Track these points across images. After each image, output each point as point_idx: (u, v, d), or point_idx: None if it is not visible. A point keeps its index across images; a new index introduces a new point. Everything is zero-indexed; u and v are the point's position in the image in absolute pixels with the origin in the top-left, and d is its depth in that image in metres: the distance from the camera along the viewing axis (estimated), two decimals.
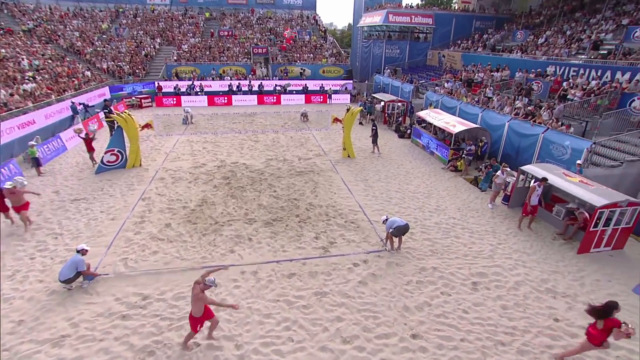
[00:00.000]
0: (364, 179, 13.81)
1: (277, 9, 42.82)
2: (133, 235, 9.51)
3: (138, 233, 9.62)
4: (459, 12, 32.47)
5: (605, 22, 22.58)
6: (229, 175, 13.80)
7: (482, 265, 8.68)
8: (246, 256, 8.84)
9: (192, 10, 40.46)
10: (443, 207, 11.70)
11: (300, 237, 9.75)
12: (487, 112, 16.32)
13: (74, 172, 13.78)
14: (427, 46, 32.60)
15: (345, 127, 15.68)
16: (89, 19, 36.67)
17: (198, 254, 8.84)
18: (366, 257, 8.95)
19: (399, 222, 8.80)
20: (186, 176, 13.59)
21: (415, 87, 23.68)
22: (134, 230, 9.72)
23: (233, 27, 38.50)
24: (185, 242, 9.33)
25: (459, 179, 14.21)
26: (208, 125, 21.41)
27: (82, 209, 10.83)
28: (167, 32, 35.56)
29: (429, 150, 16.94)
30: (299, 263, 8.65)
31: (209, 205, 11.36)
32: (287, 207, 11.43)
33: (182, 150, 16.57)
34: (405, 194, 12.64)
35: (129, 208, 10.97)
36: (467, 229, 10.39)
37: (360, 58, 37.43)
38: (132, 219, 10.35)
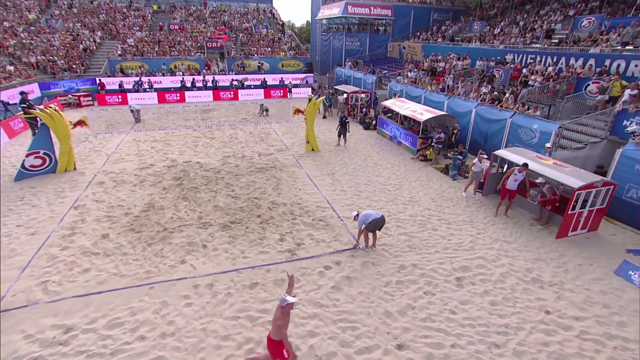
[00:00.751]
0: (330, 173, 12.85)
1: (232, 1, 40.91)
2: (59, 251, 7.88)
3: (66, 248, 7.99)
4: (417, 4, 32.48)
5: (554, 13, 23.29)
6: (181, 175, 12.29)
7: (464, 259, 7.99)
8: (200, 266, 7.54)
9: (137, 3, 37.56)
10: (416, 199, 11.00)
11: (263, 240, 8.59)
12: (453, 99, 15.96)
13: None
14: (387, 38, 32.34)
15: (307, 119, 14.63)
16: (11, 8, 32.74)
17: (141, 268, 7.42)
18: (339, 257, 7.96)
19: (374, 215, 7.90)
20: (130, 179, 11.91)
21: (378, 78, 23.12)
22: (61, 245, 8.08)
23: (184, 20, 36.16)
24: (125, 254, 7.85)
25: (429, 168, 13.64)
26: (158, 123, 19.50)
27: None
28: (109, 25, 32.60)
29: (397, 141, 16.32)
30: (262, 270, 7.50)
31: (157, 210, 9.87)
32: (247, 207, 10.20)
33: (127, 151, 14.73)
34: (376, 186, 11.82)
35: (56, 219, 9.22)
36: (444, 220, 9.73)
37: (320, 52, 36.53)
38: (60, 231, 8.66)
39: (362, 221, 7.95)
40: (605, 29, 18.14)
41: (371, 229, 7.95)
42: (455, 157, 12.56)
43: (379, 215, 7.90)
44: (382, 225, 7.98)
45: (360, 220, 7.97)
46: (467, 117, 14.91)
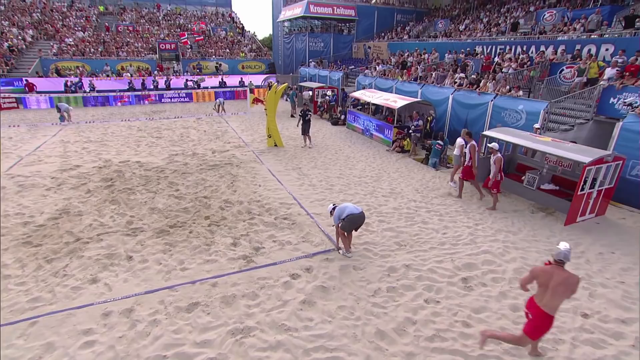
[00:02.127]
0: (296, 167, 11.04)
1: (188, 5, 38.77)
2: None
3: None
4: (380, 5, 31.95)
5: (515, 10, 23.27)
6: (114, 176, 9.99)
7: (466, 254, 6.39)
8: (118, 286, 5.40)
9: (80, 3, 34.49)
10: (398, 190, 9.40)
11: (210, 246, 6.57)
12: (426, 87, 14.78)
13: None
14: (351, 39, 31.43)
15: (268, 109, 12.81)
16: None
17: (26, 294, 5.16)
18: (309, 262, 6.10)
19: (351, 208, 6.15)
20: (44, 182, 9.46)
21: (344, 74, 21.81)
22: None
23: (135, 22, 33.52)
24: (7, 277, 5.54)
25: (407, 159, 12.19)
26: (95, 125, 16.85)
27: None
28: (44, 25, 29.32)
29: (369, 134, 14.84)
30: (206, 285, 5.48)
31: (72, 217, 7.57)
32: (192, 208, 8.13)
33: (49, 153, 12.15)
34: (350, 179, 10.14)
35: None
36: (433, 212, 8.16)
37: (283, 55, 35.06)
38: None
39: (337, 216, 6.17)
40: (569, 20, 17.98)
41: (348, 228, 6.16)
42: (434, 143, 11.20)
43: (358, 210, 6.15)
44: (360, 223, 6.23)
45: (336, 215, 6.20)
46: (443, 105, 13.72)
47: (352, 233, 6.41)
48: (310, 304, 5.08)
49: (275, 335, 4.48)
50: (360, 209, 6.22)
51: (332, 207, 6.44)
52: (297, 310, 4.93)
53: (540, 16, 19.64)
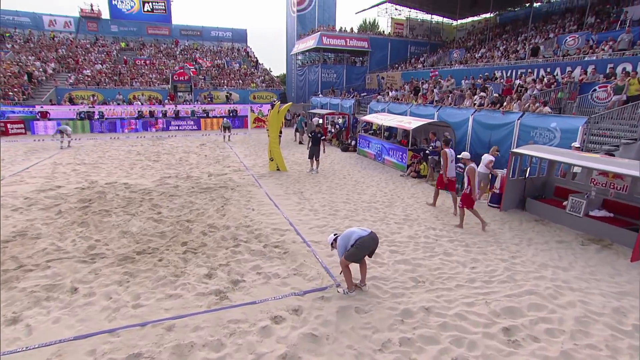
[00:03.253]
0: (297, 192, 9.83)
1: (205, 40, 39.99)
2: None
3: None
4: (393, 37, 31.98)
5: (533, 37, 22.56)
6: (94, 197, 8.98)
7: (504, 295, 4.88)
8: (42, 327, 4.12)
9: (104, 40, 35.92)
10: (414, 217, 8.00)
11: (179, 278, 5.27)
12: (443, 110, 13.67)
13: None
14: (364, 70, 31.21)
15: (270, 130, 11.87)
16: None
17: None
18: (299, 301, 4.71)
19: (358, 231, 4.85)
20: (14, 202, 8.49)
21: (356, 101, 21.08)
22: None
23: (153, 57, 34.49)
24: None
25: (425, 185, 10.84)
26: (94, 149, 16.25)
27: None
28: (67, 60, 30.29)
29: (381, 159, 13.65)
30: (159, 328, 4.14)
31: (26, 240, 6.46)
32: (170, 232, 6.92)
33: (35, 174, 11.36)
34: (358, 204, 8.82)
35: None
36: (457, 242, 6.70)
37: (296, 87, 35.20)
38: None
39: (342, 247, 4.85)
40: (594, 42, 16.99)
41: (358, 256, 4.80)
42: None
43: (367, 232, 4.85)
44: (373, 246, 4.91)
45: (340, 246, 4.88)
46: (463, 127, 12.50)
47: (365, 263, 5.03)
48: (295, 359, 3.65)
49: None
50: (368, 230, 4.90)
51: (334, 237, 5.12)
52: None
53: (561, 41, 18.76)
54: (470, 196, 7.19)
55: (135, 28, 37.11)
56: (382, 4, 30.25)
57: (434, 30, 33.95)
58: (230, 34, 41.20)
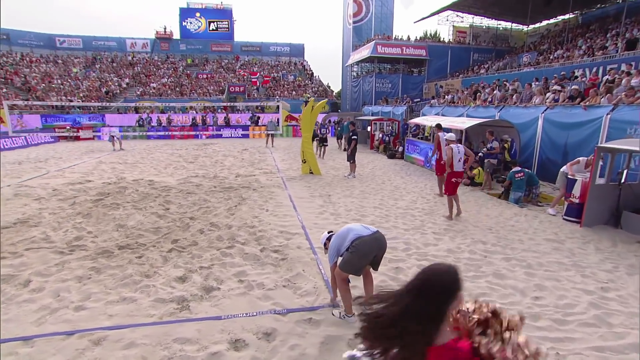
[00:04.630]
0: (324, 194, 8.63)
1: (264, 56, 41.30)
2: None
3: None
4: (454, 44, 29.82)
5: (629, 30, 19.06)
6: (112, 191, 8.70)
7: (591, 347, 3.14)
8: None
9: (173, 57, 38.80)
10: (459, 228, 6.33)
11: (147, 278, 4.36)
12: (506, 110, 11.60)
13: None
14: (422, 79, 29.36)
15: (303, 129, 10.91)
16: (61, 64, 34.77)
17: None
18: (277, 322, 3.48)
19: (357, 230, 3.49)
20: (38, 192, 8.51)
21: (408, 107, 19.44)
22: None
23: (214, 71, 36.33)
24: None
25: (479, 193, 8.96)
26: (142, 152, 16.69)
27: None
28: (140, 75, 33.06)
29: (429, 165, 11.91)
30: (86, 340, 3.19)
31: (23, 227, 6.13)
32: (167, 228, 6.14)
33: (77, 170, 11.67)
34: (391, 210, 7.35)
35: None
36: (516, 260, 4.96)
37: (350, 98, 34.43)
38: None
39: (334, 250, 3.54)
40: None
41: (355, 266, 3.41)
42: (512, 173, 7.96)
43: (370, 231, 3.49)
44: (377, 252, 3.51)
45: (333, 248, 3.58)
46: (531, 129, 10.37)
47: (370, 275, 3.67)
48: None
49: None
50: (373, 228, 3.54)
51: (328, 235, 3.85)
52: None
53: None
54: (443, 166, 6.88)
55: (201, 46, 39.59)
56: (443, 11, 28.39)
57: (501, 37, 31.07)
58: (288, 48, 42.13)
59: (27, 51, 35.87)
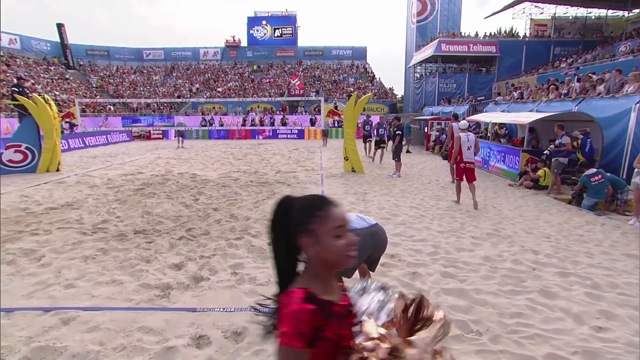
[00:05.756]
0: (360, 192, 8.00)
1: (326, 60, 41.56)
2: None
3: None
4: (531, 39, 26.84)
5: None
6: (156, 182, 9.09)
7: None
8: None
9: (240, 64, 40.94)
10: (508, 233, 5.29)
11: (146, 263, 4.24)
12: (587, 103, 9.80)
13: None
14: (491, 78, 26.87)
15: (345, 125, 10.39)
16: (145, 74, 38.82)
17: None
18: (253, 321, 3.03)
19: (353, 221, 2.87)
20: (95, 182, 9.18)
21: (471, 107, 17.76)
22: None
23: (277, 76, 37.51)
24: None
25: (543, 197, 7.58)
26: (199, 150, 17.51)
27: None
28: (209, 81, 35.45)
29: (487, 166, 10.56)
30: (59, 318, 3.10)
31: (68, 209, 6.57)
32: (187, 217, 6.10)
33: (137, 163, 12.56)
34: (429, 211, 6.48)
35: None
36: (576, 277, 3.93)
37: (412, 100, 32.94)
38: None
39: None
40: None
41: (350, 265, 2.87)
42: (587, 176, 6.51)
43: (367, 223, 2.91)
44: (374, 251, 2.97)
45: None
46: (618, 124, 8.57)
47: (368, 277, 3.08)
48: None
49: None
50: (372, 220, 2.94)
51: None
52: None
53: None
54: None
55: (266, 52, 41.18)
56: (519, 3, 25.75)
57: (592, 27, 27.19)
58: (350, 51, 41.86)
59: (121, 64, 40.74)
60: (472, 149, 6.71)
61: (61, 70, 35.34)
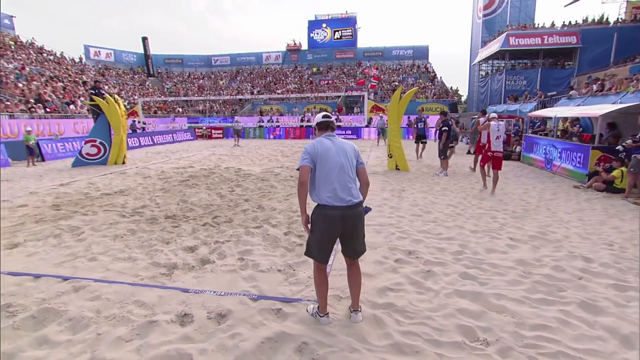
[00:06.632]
0: (397, 189, 7.57)
1: (386, 60, 40.78)
2: None
3: None
4: (624, 24, 23.44)
5: None
6: (202, 175, 9.58)
7: None
8: (20, 255, 4.01)
9: (300, 67, 41.92)
10: (557, 237, 4.56)
11: (166, 244, 4.45)
12: None
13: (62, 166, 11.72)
14: (569, 73, 23.96)
15: (389, 120, 9.96)
16: (212, 79, 41.68)
17: None
18: (239, 306, 2.98)
19: (323, 195, 2.64)
20: (150, 173, 9.97)
21: (539, 103, 15.91)
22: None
23: (336, 77, 37.70)
24: None
25: (616, 201, 6.44)
26: (253, 148, 18.15)
27: None
28: (270, 84, 36.85)
29: (550, 167, 9.35)
30: (72, 285, 3.36)
31: (118, 196, 7.19)
32: (218, 206, 6.28)
33: (193, 159, 13.39)
34: (468, 210, 5.88)
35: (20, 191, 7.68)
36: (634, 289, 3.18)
37: (477, 100, 30.76)
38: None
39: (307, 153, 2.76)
40: None
41: (317, 245, 2.68)
42: None
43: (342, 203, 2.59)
44: (338, 229, 2.62)
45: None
46: None
47: (356, 268, 2.82)
48: None
49: None
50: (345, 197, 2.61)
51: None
52: None
53: None
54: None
55: (325, 54, 41.66)
56: None
57: None
58: (411, 51, 40.55)
59: (192, 70, 44.32)
60: (501, 138, 6.86)
61: (143, 78, 39.47)
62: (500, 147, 6.92)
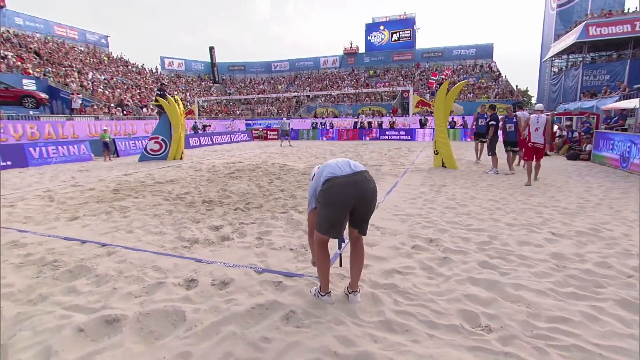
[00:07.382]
0: (437, 184, 7.20)
1: (446, 60, 39.11)
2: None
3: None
4: None
5: None
6: (247, 169, 10.04)
7: None
8: (77, 225, 4.59)
9: (357, 70, 41.92)
10: (613, 234, 3.99)
11: (196, 222, 4.74)
12: None
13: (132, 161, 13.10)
14: None
15: (436, 115, 9.50)
16: (272, 83, 43.46)
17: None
18: (244, 276, 3.07)
19: (331, 168, 2.53)
20: (201, 167, 10.70)
21: (622, 97, 13.99)
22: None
23: (393, 80, 37.05)
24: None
25: None
26: (303, 147, 18.49)
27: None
28: (327, 88, 37.38)
29: (627, 166, 8.17)
30: (107, 250, 3.74)
31: (171, 184, 7.82)
32: (253, 195, 6.54)
33: (244, 156, 14.07)
34: (510, 205, 5.38)
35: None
36: None
37: (548, 99, 28.06)
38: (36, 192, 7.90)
39: (311, 190, 2.74)
40: None
41: (327, 219, 2.50)
42: None
43: (351, 170, 2.48)
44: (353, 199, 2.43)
45: (310, 188, 2.77)
46: None
47: (360, 245, 2.69)
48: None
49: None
50: (359, 167, 2.55)
51: (317, 169, 2.81)
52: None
53: None
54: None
55: (382, 57, 41.19)
56: None
57: None
58: (474, 50, 38.43)
59: (254, 76, 46.68)
60: (540, 130, 7.07)
61: (209, 84, 42.49)
62: (541, 138, 7.08)
